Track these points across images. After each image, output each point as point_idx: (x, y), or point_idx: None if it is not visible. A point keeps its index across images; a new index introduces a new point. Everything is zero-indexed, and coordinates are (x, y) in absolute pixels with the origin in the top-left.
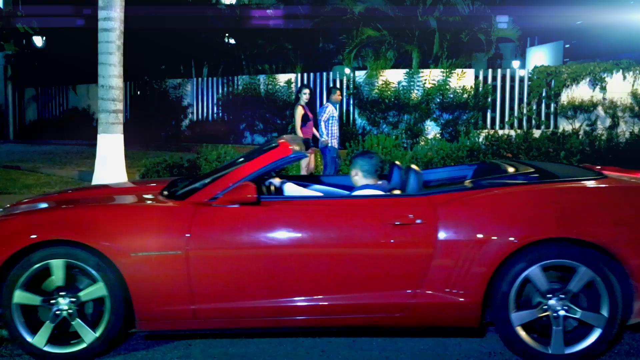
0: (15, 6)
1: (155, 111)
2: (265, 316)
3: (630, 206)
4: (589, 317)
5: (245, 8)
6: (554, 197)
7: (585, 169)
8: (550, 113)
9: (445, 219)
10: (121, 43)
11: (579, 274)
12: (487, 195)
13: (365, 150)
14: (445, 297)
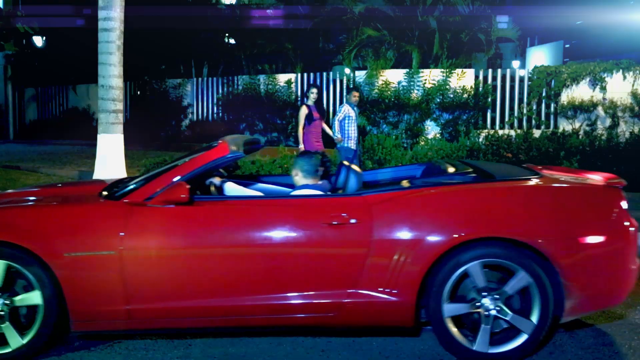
0: (15, 6)
1: (155, 111)
2: (202, 316)
3: (562, 206)
4: (517, 322)
5: (245, 8)
6: (487, 197)
7: (526, 169)
8: (550, 113)
9: (380, 219)
10: (121, 43)
11: (516, 278)
12: (421, 195)
13: (305, 151)
14: (379, 297)
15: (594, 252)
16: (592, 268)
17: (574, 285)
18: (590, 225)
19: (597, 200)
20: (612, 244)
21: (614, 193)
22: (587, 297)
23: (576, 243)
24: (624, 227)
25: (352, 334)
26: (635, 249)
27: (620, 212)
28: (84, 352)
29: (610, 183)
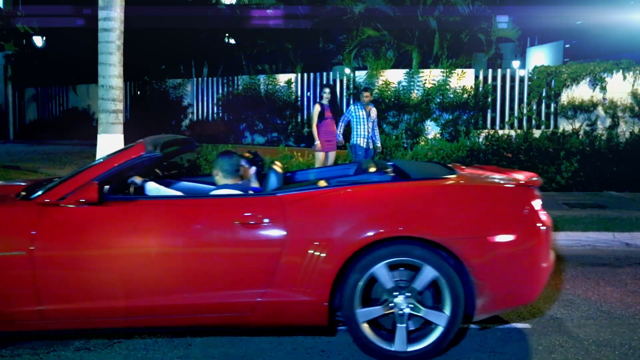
0: (15, 6)
1: (155, 111)
2: (115, 317)
3: (472, 205)
4: (431, 315)
5: (245, 8)
6: (398, 197)
7: (447, 168)
8: (550, 113)
9: (293, 218)
10: (121, 43)
11: (422, 273)
12: (334, 194)
13: (225, 150)
14: (293, 296)
15: (505, 251)
16: (502, 267)
17: (485, 283)
18: (500, 224)
19: (507, 200)
20: (523, 243)
21: (526, 192)
22: (499, 295)
23: (486, 242)
24: (535, 226)
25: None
26: (547, 248)
27: (531, 211)
28: (84, 352)
29: (521, 182)
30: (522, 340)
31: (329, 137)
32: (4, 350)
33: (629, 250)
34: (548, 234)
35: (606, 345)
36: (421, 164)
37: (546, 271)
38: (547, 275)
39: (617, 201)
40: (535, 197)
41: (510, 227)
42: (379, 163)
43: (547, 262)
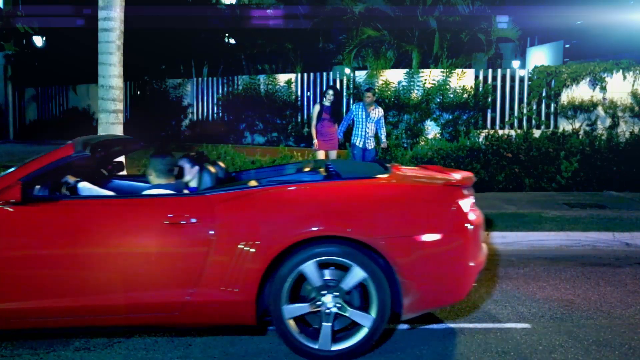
0: (15, 6)
1: (156, 111)
2: (41, 317)
3: (398, 205)
4: (357, 316)
5: (245, 8)
6: (325, 196)
7: (381, 167)
8: (550, 113)
9: (221, 218)
10: (121, 43)
11: (350, 274)
12: (262, 194)
13: (158, 150)
14: (221, 295)
15: (431, 250)
16: (429, 265)
17: (411, 282)
18: (426, 223)
19: (434, 199)
20: (450, 242)
21: (453, 192)
22: (426, 294)
23: (412, 241)
24: (463, 225)
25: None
26: (475, 247)
27: (458, 211)
28: (84, 352)
29: (448, 182)
30: (607, 344)
31: (327, 137)
32: (4, 350)
33: (629, 250)
34: (476, 233)
35: (606, 345)
36: (358, 164)
37: (474, 270)
38: (475, 274)
39: (617, 201)
40: (464, 197)
41: (437, 226)
42: (317, 163)
43: (475, 260)
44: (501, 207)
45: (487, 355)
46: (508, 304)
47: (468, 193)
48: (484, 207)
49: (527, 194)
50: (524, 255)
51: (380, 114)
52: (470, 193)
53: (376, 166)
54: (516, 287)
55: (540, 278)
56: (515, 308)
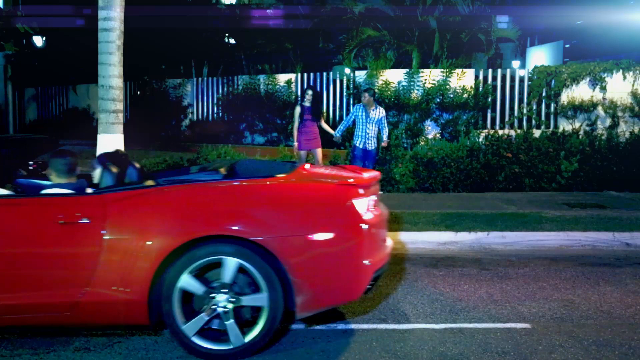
0: (15, 6)
1: (155, 111)
2: None
3: (291, 205)
4: (253, 300)
5: (245, 8)
6: (218, 196)
7: (288, 167)
8: (550, 113)
9: (113, 218)
10: (121, 43)
11: (225, 266)
12: (155, 194)
13: (59, 150)
14: (113, 295)
15: (323, 250)
16: (321, 265)
17: (303, 281)
18: (318, 223)
19: (326, 199)
20: (342, 241)
21: (346, 191)
22: (319, 293)
23: (303, 240)
24: (356, 224)
25: (352, 335)
26: (371, 246)
27: (351, 210)
28: (84, 352)
29: (343, 182)
30: (607, 344)
31: (310, 136)
32: (4, 350)
33: (629, 250)
34: (373, 232)
35: (606, 345)
36: (268, 164)
37: (370, 268)
38: (370, 273)
39: (617, 201)
40: (360, 196)
41: (329, 225)
42: (223, 163)
43: (371, 259)
44: (501, 207)
45: (487, 355)
46: (508, 304)
47: (365, 192)
48: (484, 207)
49: (527, 194)
50: (524, 255)
51: (382, 114)
52: (371, 192)
53: (283, 166)
54: (516, 287)
55: (540, 278)
56: (515, 308)
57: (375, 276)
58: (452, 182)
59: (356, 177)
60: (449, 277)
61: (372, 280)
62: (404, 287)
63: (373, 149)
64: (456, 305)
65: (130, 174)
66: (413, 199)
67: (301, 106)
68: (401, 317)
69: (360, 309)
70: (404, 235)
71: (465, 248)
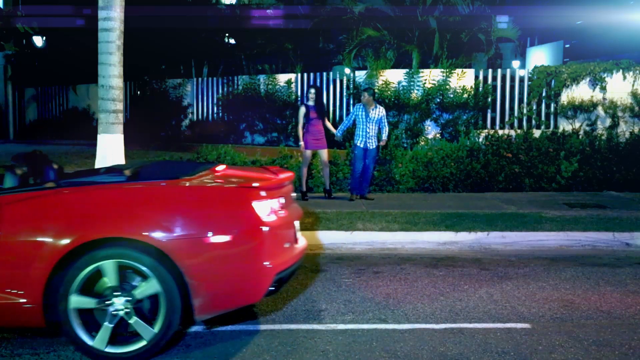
0: (15, 6)
1: (155, 111)
2: None
3: (188, 207)
4: (139, 327)
5: (245, 8)
6: (114, 199)
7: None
8: (550, 113)
9: (7, 220)
10: (121, 43)
11: (146, 284)
12: (50, 196)
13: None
14: (7, 297)
15: (221, 252)
16: (219, 267)
17: (200, 283)
18: (215, 225)
19: (224, 201)
20: (241, 243)
21: (246, 194)
22: (218, 295)
23: (200, 243)
24: (256, 226)
25: (352, 335)
26: (273, 248)
27: (250, 212)
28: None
29: (243, 184)
30: (606, 344)
31: (317, 136)
32: (4, 350)
33: (629, 250)
34: (274, 234)
35: (606, 345)
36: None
37: (271, 270)
38: (271, 275)
39: (617, 201)
40: (261, 198)
41: (227, 227)
42: (134, 164)
43: (273, 261)
44: (501, 207)
45: (487, 355)
46: (508, 304)
47: (269, 195)
48: (484, 207)
49: (527, 194)
50: (524, 255)
51: (382, 114)
52: (279, 194)
53: (195, 167)
54: (516, 287)
55: (540, 278)
56: (515, 308)
57: (279, 278)
58: (452, 182)
59: (263, 180)
60: (449, 277)
61: (276, 282)
62: (404, 287)
63: (374, 148)
64: (456, 305)
65: (48, 174)
66: (413, 199)
67: (305, 106)
68: (401, 317)
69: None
70: (404, 235)
71: (465, 248)
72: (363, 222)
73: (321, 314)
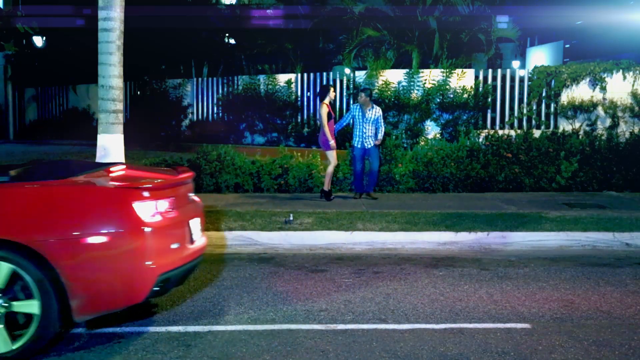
0: (15, 6)
1: (155, 111)
2: None
3: (64, 207)
4: (24, 307)
5: (245, 8)
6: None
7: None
8: (550, 113)
9: None
10: (121, 43)
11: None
12: None
13: None
14: None
15: (99, 253)
16: (97, 268)
17: (77, 284)
18: (93, 226)
19: (104, 202)
20: (120, 244)
21: (126, 195)
22: (97, 296)
23: (77, 243)
24: (135, 227)
25: (352, 335)
26: (154, 248)
27: (130, 213)
28: (84, 352)
29: (124, 185)
30: (606, 344)
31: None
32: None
33: (629, 250)
34: (157, 234)
35: (606, 345)
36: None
37: (154, 271)
38: (155, 276)
39: (617, 201)
40: (144, 199)
41: (105, 228)
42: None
43: (157, 261)
44: (501, 207)
45: (487, 355)
46: (508, 304)
47: (153, 195)
48: (484, 207)
49: (527, 194)
50: (524, 255)
51: (378, 114)
52: (167, 195)
53: (85, 168)
54: (516, 287)
55: (540, 278)
56: (515, 308)
57: (165, 278)
58: (452, 182)
59: (152, 180)
60: (449, 277)
61: (161, 282)
62: (404, 287)
63: (372, 146)
64: (456, 305)
65: None
66: (413, 199)
67: (328, 105)
68: (401, 317)
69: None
70: (404, 235)
71: (465, 248)
72: (363, 222)
73: (321, 314)
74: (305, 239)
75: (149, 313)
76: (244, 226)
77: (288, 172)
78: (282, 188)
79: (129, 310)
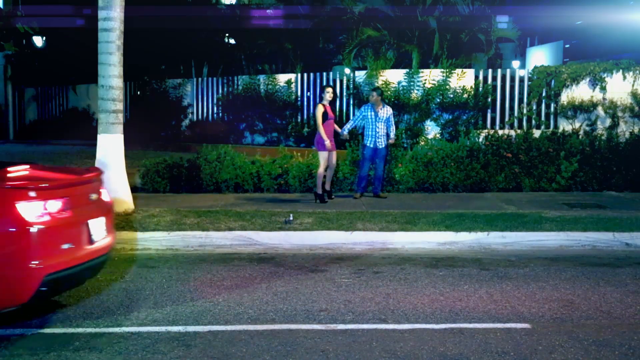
0: (15, 6)
1: (155, 111)
2: None
3: None
4: None
5: (245, 8)
6: None
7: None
8: (550, 113)
9: None
10: (121, 43)
11: None
12: None
13: None
14: None
15: None
16: None
17: None
18: None
19: None
20: (4, 244)
21: (8, 195)
22: None
23: None
24: (18, 227)
25: (352, 335)
26: (40, 248)
27: (12, 213)
28: (84, 352)
29: (7, 185)
30: (606, 344)
31: (331, 137)
32: (4, 350)
33: (629, 250)
34: (45, 234)
35: (606, 345)
36: None
37: (40, 271)
38: (41, 276)
39: (617, 201)
40: (30, 199)
41: None
42: None
43: (42, 262)
44: (501, 207)
45: (487, 355)
46: (508, 304)
47: (40, 195)
48: (484, 207)
49: (527, 194)
50: (524, 255)
51: (390, 113)
52: (61, 194)
53: None
54: (516, 287)
55: (540, 278)
56: (515, 308)
57: (54, 279)
58: (452, 182)
59: (42, 180)
60: (449, 277)
61: (48, 283)
62: (404, 287)
63: (383, 147)
64: (456, 305)
65: None
66: (413, 199)
67: (324, 105)
68: (401, 317)
69: None
70: (404, 235)
71: (465, 248)
72: (363, 222)
73: (321, 314)
74: (305, 239)
75: (149, 313)
76: (244, 226)
77: (288, 172)
78: (282, 188)
79: (129, 310)
